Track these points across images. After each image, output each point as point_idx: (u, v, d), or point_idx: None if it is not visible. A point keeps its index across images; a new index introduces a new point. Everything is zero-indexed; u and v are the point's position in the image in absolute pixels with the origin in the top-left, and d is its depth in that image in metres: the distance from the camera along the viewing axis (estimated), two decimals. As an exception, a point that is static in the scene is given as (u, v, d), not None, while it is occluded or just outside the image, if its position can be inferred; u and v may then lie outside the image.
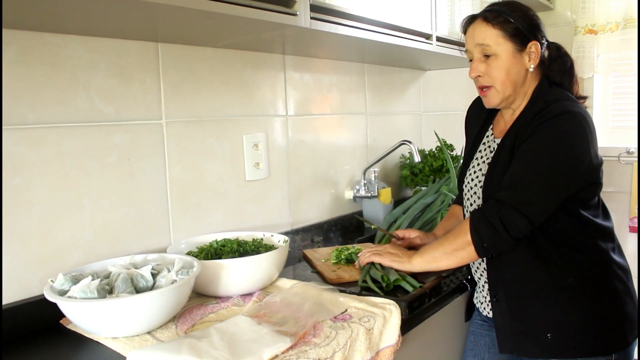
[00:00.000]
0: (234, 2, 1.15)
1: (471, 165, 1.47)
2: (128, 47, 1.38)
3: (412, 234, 1.61)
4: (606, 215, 1.38)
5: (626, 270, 1.37)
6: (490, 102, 1.38)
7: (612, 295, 1.31)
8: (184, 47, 1.51)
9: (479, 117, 1.53)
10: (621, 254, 1.39)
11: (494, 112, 1.50)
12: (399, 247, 1.47)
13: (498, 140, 1.40)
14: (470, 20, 1.38)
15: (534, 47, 1.33)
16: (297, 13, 1.30)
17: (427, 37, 1.89)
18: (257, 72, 1.74)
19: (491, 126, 1.48)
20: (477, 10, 2.20)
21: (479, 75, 1.36)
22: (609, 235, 1.35)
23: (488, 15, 1.34)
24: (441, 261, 1.32)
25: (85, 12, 1.10)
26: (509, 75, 1.33)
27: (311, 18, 1.35)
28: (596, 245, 1.31)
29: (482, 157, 1.45)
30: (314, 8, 1.35)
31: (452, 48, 2.05)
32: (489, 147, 1.44)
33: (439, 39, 1.95)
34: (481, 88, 1.38)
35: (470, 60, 1.38)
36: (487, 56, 1.34)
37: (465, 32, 1.39)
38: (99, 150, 1.33)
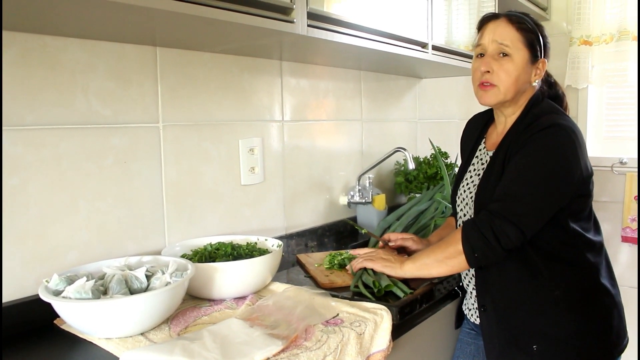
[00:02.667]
0: (232, 9, 1.17)
1: (464, 178, 1.49)
2: (127, 51, 1.39)
3: (405, 236, 1.62)
4: (597, 229, 1.38)
5: (614, 284, 1.38)
6: (488, 99, 1.36)
7: (598, 309, 1.32)
8: (181, 52, 1.52)
9: (473, 133, 1.55)
10: (610, 268, 1.39)
11: (487, 126, 1.51)
12: (391, 253, 1.48)
13: (490, 153, 1.41)
14: (493, 17, 1.37)
15: (542, 64, 1.36)
16: (295, 20, 1.32)
17: (423, 45, 1.91)
18: (254, 77, 1.75)
19: (484, 140, 1.50)
20: (474, 20, 2.24)
21: (488, 71, 1.34)
22: (598, 249, 1.35)
23: (513, 18, 1.34)
24: (432, 268, 1.34)
25: (85, 16, 1.11)
26: (517, 82, 1.34)
27: (308, 25, 1.36)
28: (584, 259, 1.32)
29: (475, 169, 1.46)
30: (311, 16, 1.37)
31: (448, 57, 2.07)
32: (482, 160, 1.46)
33: (435, 48, 1.97)
34: (483, 83, 1.36)
35: (480, 56, 1.37)
36: (501, 56, 1.33)
37: (482, 27, 1.38)
38: (96, 152, 1.34)
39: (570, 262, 1.31)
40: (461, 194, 1.47)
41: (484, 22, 1.39)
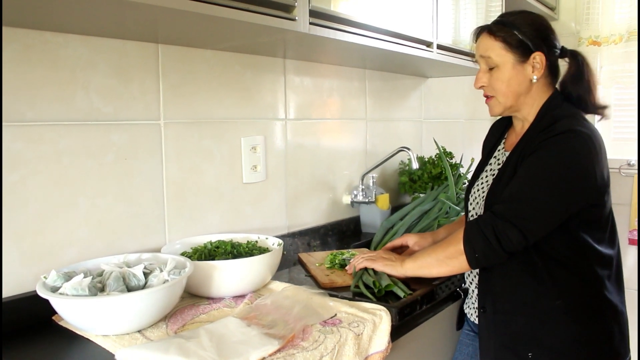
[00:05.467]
0: (234, 7, 1.16)
1: (480, 177, 1.47)
2: (128, 48, 1.39)
3: (410, 241, 1.61)
4: (612, 241, 1.33)
5: (622, 300, 1.34)
6: (493, 111, 1.40)
7: (599, 324, 1.29)
8: (184, 49, 1.52)
9: (495, 134, 1.54)
10: (620, 282, 1.35)
11: (509, 126, 1.50)
12: (391, 252, 1.48)
13: (507, 154, 1.40)
14: (478, 33, 1.39)
15: (538, 57, 1.32)
16: (296, 18, 1.31)
17: (428, 44, 1.90)
18: (257, 75, 1.75)
19: (504, 140, 1.49)
20: (481, 18, 2.23)
21: (483, 86, 1.38)
22: (607, 262, 1.31)
23: (493, 28, 1.35)
24: (432, 268, 1.33)
25: (87, 13, 1.11)
26: (510, 87, 1.33)
27: (310, 23, 1.36)
28: (592, 271, 1.28)
29: (491, 169, 1.45)
30: (313, 14, 1.36)
31: (453, 56, 2.06)
32: (499, 160, 1.44)
33: (440, 47, 1.95)
34: (486, 96, 1.40)
35: None
36: (491, 68, 1.35)
37: (475, 42, 1.42)
38: (96, 149, 1.34)
39: (576, 272, 1.27)
40: (474, 192, 1.46)
41: (474, 39, 1.42)
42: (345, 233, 2.13)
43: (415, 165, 2.02)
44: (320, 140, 2.03)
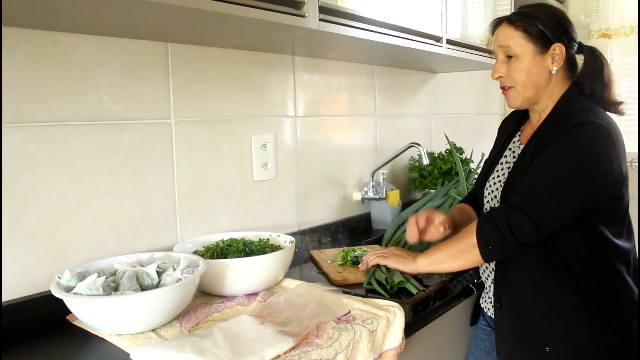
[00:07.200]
0: (243, 4, 1.16)
1: (495, 170, 1.46)
2: (138, 47, 1.39)
3: (437, 220, 1.50)
4: (629, 234, 1.33)
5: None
6: (512, 102, 1.38)
7: (617, 319, 1.27)
8: (193, 47, 1.52)
9: (509, 125, 1.53)
10: (637, 275, 1.34)
11: (524, 119, 1.49)
12: (403, 249, 1.47)
13: (522, 146, 1.39)
14: (497, 22, 1.38)
15: (558, 49, 1.31)
16: (306, 15, 1.30)
17: (437, 39, 1.89)
18: (267, 72, 1.74)
19: (519, 132, 1.48)
20: (489, 13, 2.21)
21: (501, 76, 1.36)
22: (626, 256, 1.30)
23: (513, 18, 1.34)
24: (445, 263, 1.32)
25: (96, 12, 1.11)
26: (530, 77, 1.32)
27: (320, 20, 1.35)
28: (610, 265, 1.27)
29: (506, 162, 1.44)
30: (323, 10, 1.35)
31: (462, 51, 2.05)
32: (514, 152, 1.43)
33: (449, 42, 1.94)
34: (503, 88, 1.38)
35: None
36: (509, 57, 1.34)
37: (492, 34, 1.40)
38: (107, 149, 1.34)
39: (594, 266, 1.26)
40: (490, 185, 1.45)
41: (491, 31, 1.41)
42: (356, 230, 2.13)
43: (425, 161, 2.01)
44: (330, 137, 2.03)
